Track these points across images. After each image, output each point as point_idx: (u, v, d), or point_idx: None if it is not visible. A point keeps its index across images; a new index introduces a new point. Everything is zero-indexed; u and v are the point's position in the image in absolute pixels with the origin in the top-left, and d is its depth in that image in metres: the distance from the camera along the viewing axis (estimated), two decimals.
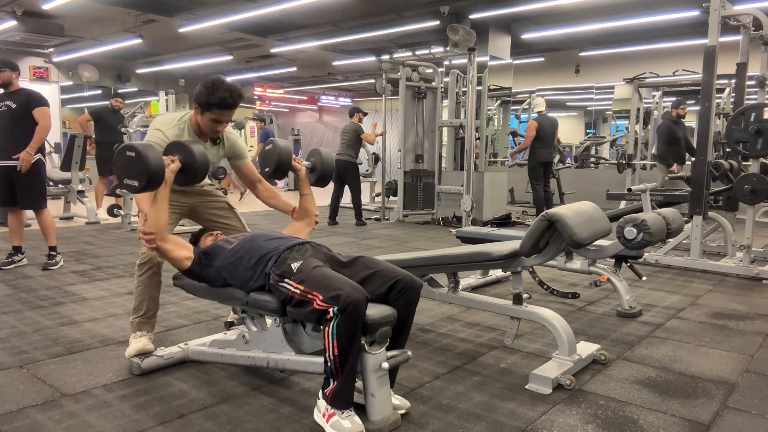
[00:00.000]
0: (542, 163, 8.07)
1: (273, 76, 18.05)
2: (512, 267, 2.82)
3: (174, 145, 2.42)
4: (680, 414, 2.24)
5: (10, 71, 4.58)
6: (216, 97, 2.53)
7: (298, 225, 2.82)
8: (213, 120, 2.61)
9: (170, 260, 2.43)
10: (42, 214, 4.71)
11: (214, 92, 2.53)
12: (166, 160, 2.30)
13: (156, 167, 2.20)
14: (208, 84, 2.56)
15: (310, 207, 2.84)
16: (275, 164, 2.72)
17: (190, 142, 2.43)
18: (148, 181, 2.19)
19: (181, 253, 2.42)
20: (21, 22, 10.60)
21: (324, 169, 2.90)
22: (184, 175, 2.38)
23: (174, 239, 2.46)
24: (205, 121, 2.63)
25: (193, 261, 2.43)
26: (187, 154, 2.35)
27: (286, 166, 2.75)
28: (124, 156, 2.22)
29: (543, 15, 10.23)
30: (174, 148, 2.39)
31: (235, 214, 3.01)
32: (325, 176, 2.91)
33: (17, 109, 4.54)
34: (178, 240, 2.49)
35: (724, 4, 4.54)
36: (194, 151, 2.36)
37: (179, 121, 2.71)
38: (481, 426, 2.12)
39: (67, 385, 2.42)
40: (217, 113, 2.59)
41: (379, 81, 8.30)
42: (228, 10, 10.05)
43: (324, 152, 2.93)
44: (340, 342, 1.93)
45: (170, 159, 2.33)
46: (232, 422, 2.12)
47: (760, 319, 3.56)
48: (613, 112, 13.31)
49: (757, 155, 4.55)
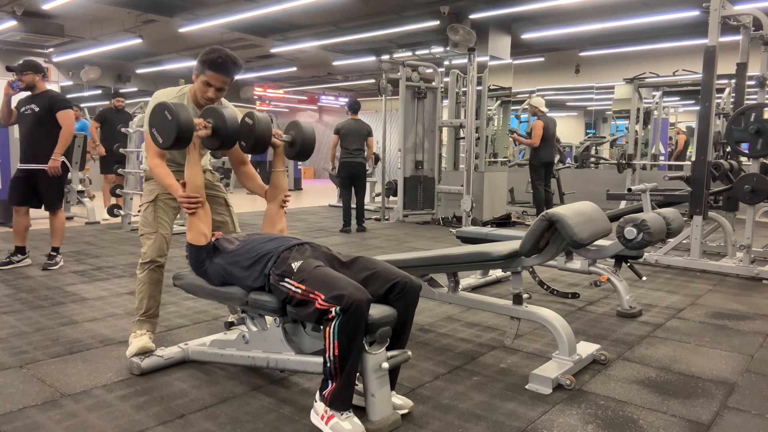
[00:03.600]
0: (544, 163, 8.08)
1: (273, 76, 18.05)
2: (512, 267, 2.82)
3: (209, 110, 2.50)
4: (680, 414, 2.24)
5: (33, 74, 4.58)
6: (210, 57, 2.59)
7: (272, 208, 2.73)
8: (205, 83, 2.64)
9: (194, 227, 2.45)
10: (57, 214, 4.78)
11: (210, 53, 2.60)
12: (198, 125, 2.40)
13: (185, 131, 2.31)
14: (208, 49, 2.64)
15: (282, 183, 2.75)
16: (254, 140, 2.53)
17: (224, 109, 2.50)
18: (174, 142, 2.32)
19: (204, 228, 2.47)
20: (21, 22, 10.60)
21: (305, 142, 2.72)
22: (213, 140, 2.49)
23: (208, 210, 2.53)
24: (198, 85, 2.67)
25: (206, 245, 2.46)
26: (220, 119, 2.44)
27: (266, 141, 2.58)
28: (161, 113, 2.34)
29: (543, 15, 10.23)
30: (208, 113, 2.48)
31: (230, 212, 3.01)
32: (305, 151, 2.73)
33: (40, 113, 4.56)
34: (210, 215, 2.54)
35: (724, 4, 4.54)
36: (227, 118, 2.44)
37: (179, 92, 2.75)
38: (481, 426, 2.12)
39: (67, 385, 2.42)
40: (209, 75, 2.62)
41: (380, 80, 8.28)
42: (228, 10, 10.05)
43: (304, 124, 2.77)
44: (341, 342, 1.93)
45: (203, 124, 2.42)
46: (232, 422, 2.12)
47: (760, 319, 3.56)
48: (613, 112, 13.31)
49: (757, 155, 4.55)
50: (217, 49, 2.63)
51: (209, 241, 2.48)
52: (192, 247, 2.47)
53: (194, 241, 2.46)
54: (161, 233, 2.76)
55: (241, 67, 2.71)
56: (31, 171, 4.59)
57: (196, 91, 2.70)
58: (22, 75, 4.54)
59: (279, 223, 2.72)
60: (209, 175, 3.00)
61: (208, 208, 2.54)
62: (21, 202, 4.68)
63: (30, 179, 4.61)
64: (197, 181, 2.46)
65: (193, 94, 2.73)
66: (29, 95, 4.63)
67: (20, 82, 4.56)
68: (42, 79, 4.66)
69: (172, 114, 2.30)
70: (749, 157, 4.67)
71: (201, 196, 2.46)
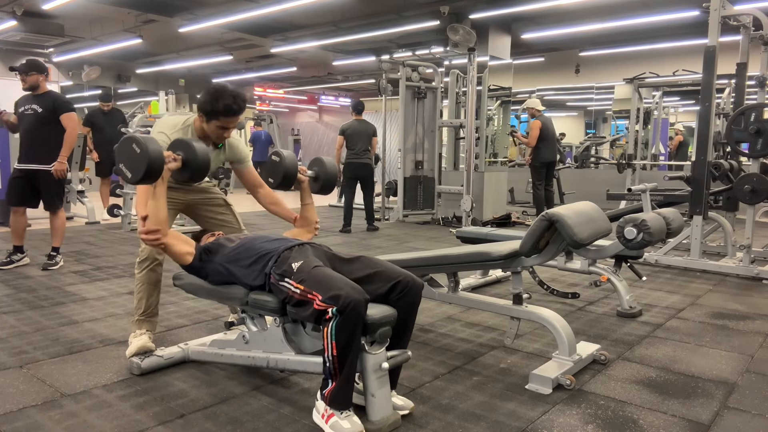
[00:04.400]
0: (545, 163, 8.08)
1: (273, 76, 18.06)
2: (512, 267, 2.82)
3: (178, 142, 2.43)
4: (680, 414, 2.24)
5: (37, 74, 4.58)
6: (221, 105, 2.53)
7: (298, 231, 2.81)
8: (219, 127, 2.61)
9: (172, 255, 2.44)
10: (57, 214, 4.78)
11: (219, 99, 2.53)
12: (168, 157, 2.32)
13: (154, 166, 2.21)
14: (212, 92, 2.56)
15: (312, 216, 2.85)
16: (282, 176, 2.73)
17: (194, 141, 2.44)
18: (143, 176, 2.21)
19: (183, 248, 2.44)
20: (21, 22, 10.60)
21: (327, 177, 2.89)
22: (185, 173, 2.40)
23: (175, 234, 2.47)
24: (211, 129, 2.63)
25: (194, 256, 2.44)
26: (190, 152, 2.37)
27: (292, 177, 2.75)
28: (129, 146, 2.24)
29: (543, 15, 10.23)
30: (177, 145, 2.41)
31: (232, 211, 3.02)
32: (328, 185, 2.90)
33: (43, 114, 4.56)
34: (180, 235, 2.50)
35: (724, 4, 4.54)
36: (196, 149, 2.37)
37: (183, 125, 2.70)
38: (481, 426, 2.12)
39: (67, 385, 2.42)
40: (224, 120, 2.59)
41: (380, 80, 8.28)
42: (228, 10, 10.05)
43: (327, 160, 2.91)
44: (338, 342, 1.93)
45: (172, 156, 2.35)
46: (232, 422, 2.12)
47: (760, 319, 3.56)
48: (613, 112, 13.31)
49: (757, 155, 4.55)
50: (222, 92, 2.55)
51: (197, 251, 2.45)
52: (184, 267, 2.47)
53: (184, 263, 2.45)
54: None
55: (247, 101, 2.72)
56: (32, 171, 4.59)
57: (210, 133, 2.66)
58: (26, 76, 4.54)
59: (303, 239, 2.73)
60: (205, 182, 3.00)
61: (174, 231, 2.47)
62: (20, 203, 4.68)
63: (30, 179, 4.61)
64: (161, 215, 2.33)
65: (200, 129, 2.68)
66: (30, 95, 4.63)
67: (23, 83, 4.57)
68: (45, 79, 4.66)
69: (140, 147, 2.19)
70: (749, 157, 4.67)
71: (163, 231, 2.34)
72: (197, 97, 19.91)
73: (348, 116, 7.87)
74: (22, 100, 4.66)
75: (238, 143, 2.92)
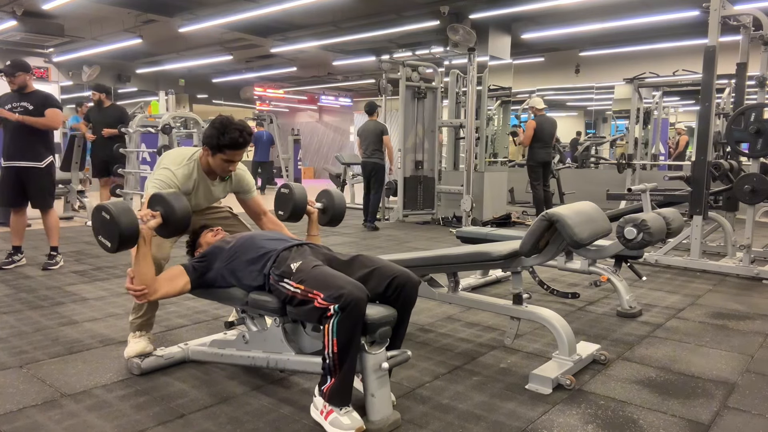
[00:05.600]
0: (541, 163, 8.08)
1: (273, 76, 18.07)
2: (512, 267, 2.82)
3: (156, 199, 2.36)
4: (680, 414, 2.24)
5: (24, 74, 4.56)
6: (227, 138, 2.51)
7: None
8: (225, 160, 2.59)
9: (173, 294, 2.39)
10: (49, 213, 4.75)
11: (224, 133, 2.50)
12: (145, 216, 2.25)
13: (128, 229, 2.13)
14: (217, 125, 2.54)
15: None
16: (291, 209, 2.76)
17: (172, 196, 2.35)
18: (120, 243, 2.14)
19: (177, 286, 2.37)
20: (21, 22, 10.61)
21: (335, 210, 2.90)
22: (165, 229, 2.33)
23: (164, 279, 2.37)
24: (217, 162, 2.60)
25: (190, 281, 2.39)
26: (169, 208, 2.30)
27: (301, 210, 2.78)
28: (99, 216, 2.18)
29: (543, 15, 10.23)
30: (155, 202, 2.34)
31: (239, 221, 3.00)
32: (336, 217, 2.92)
33: (34, 111, 4.54)
34: (168, 276, 2.40)
35: (724, 4, 4.54)
36: (175, 205, 2.30)
37: (189, 160, 2.66)
38: (481, 426, 2.12)
39: (67, 385, 2.42)
40: (229, 153, 2.57)
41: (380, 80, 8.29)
42: (228, 10, 10.06)
43: (335, 193, 2.92)
44: (339, 339, 1.94)
45: (151, 214, 2.27)
46: (232, 422, 2.12)
47: (760, 319, 3.56)
48: (613, 112, 13.31)
49: (757, 155, 4.55)
50: (227, 125, 2.52)
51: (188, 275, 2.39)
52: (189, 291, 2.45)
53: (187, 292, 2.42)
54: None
55: (252, 134, 2.70)
56: (21, 169, 4.54)
57: (215, 167, 2.63)
58: (13, 77, 4.52)
59: None
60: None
61: (162, 277, 2.39)
62: (15, 203, 4.66)
63: (20, 177, 4.56)
64: (149, 277, 2.25)
65: (206, 164, 2.66)
66: (16, 93, 4.58)
67: (11, 85, 4.54)
68: (31, 77, 4.65)
69: (110, 214, 2.11)
70: (749, 157, 4.67)
71: (150, 290, 2.27)
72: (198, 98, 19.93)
73: (348, 116, 7.99)
74: (6, 98, 4.60)
75: (244, 174, 2.89)
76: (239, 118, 2.68)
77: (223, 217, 2.97)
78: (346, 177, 10.59)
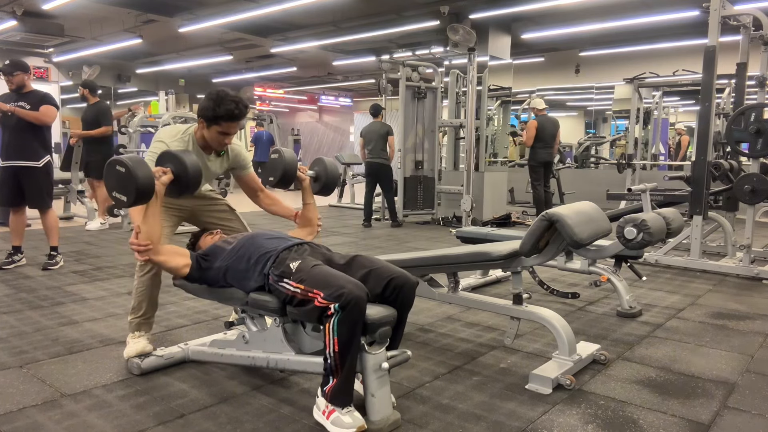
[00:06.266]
0: (542, 163, 8.08)
1: (273, 76, 18.06)
2: (512, 267, 2.82)
3: (166, 156, 2.36)
4: (680, 414, 2.24)
5: (22, 73, 4.57)
6: (223, 110, 2.51)
7: (300, 233, 2.79)
8: (220, 132, 2.59)
9: (168, 270, 2.42)
10: (47, 213, 4.75)
11: (220, 104, 2.50)
12: (157, 172, 2.26)
13: (144, 182, 2.14)
14: (213, 96, 2.53)
15: (313, 216, 2.85)
16: (281, 174, 2.73)
17: (182, 153, 2.37)
18: (137, 196, 2.15)
19: (179, 262, 2.39)
20: (21, 22, 10.61)
21: (328, 178, 2.89)
22: (177, 187, 2.34)
23: (169, 249, 2.41)
24: (212, 135, 2.60)
25: (191, 267, 2.40)
26: (179, 165, 2.30)
27: (292, 175, 2.77)
28: (114, 170, 2.18)
29: (543, 15, 10.23)
30: (166, 159, 2.35)
31: (237, 216, 3.00)
32: (329, 185, 2.90)
33: (32, 110, 4.53)
34: (173, 249, 2.44)
35: (724, 4, 4.54)
36: (186, 161, 2.31)
37: (183, 134, 2.66)
38: (481, 426, 2.12)
39: (67, 385, 2.42)
40: (225, 125, 2.56)
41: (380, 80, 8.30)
42: (228, 10, 10.05)
43: (328, 161, 2.92)
44: (340, 338, 1.94)
45: (162, 171, 2.29)
46: (232, 422, 2.12)
47: (760, 319, 3.56)
48: (613, 112, 13.31)
49: (757, 155, 4.55)
50: (224, 97, 2.52)
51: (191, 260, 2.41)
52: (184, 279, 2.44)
53: (182, 275, 2.42)
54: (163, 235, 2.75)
55: (248, 107, 2.70)
56: (19, 169, 4.54)
57: (210, 140, 2.62)
58: (12, 77, 4.52)
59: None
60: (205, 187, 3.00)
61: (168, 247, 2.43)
62: (16, 203, 4.66)
63: (18, 177, 4.56)
64: (156, 235, 2.28)
65: (200, 137, 2.65)
66: (14, 93, 4.59)
67: (9, 84, 4.54)
68: (29, 77, 4.64)
69: (125, 167, 2.12)
70: (749, 157, 4.67)
71: (154, 248, 2.29)
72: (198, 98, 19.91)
73: (348, 116, 8.07)
74: (4, 99, 4.59)
75: (240, 150, 2.90)
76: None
77: (221, 210, 2.97)
78: (346, 177, 10.59)
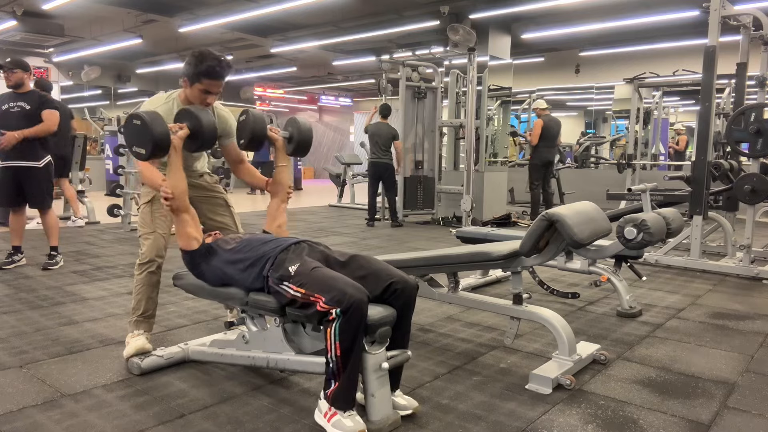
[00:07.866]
0: (544, 162, 8.08)
1: (273, 76, 18.05)
2: (512, 267, 2.82)
3: (182, 113, 2.46)
4: (680, 414, 2.24)
5: (22, 72, 4.56)
6: (204, 66, 2.54)
7: (274, 204, 2.77)
8: (202, 90, 2.60)
9: (181, 233, 2.44)
10: (47, 213, 4.75)
11: (202, 61, 2.55)
12: (173, 128, 2.36)
13: (160, 134, 2.26)
14: (196, 54, 2.58)
15: (284, 179, 2.80)
16: (249, 135, 2.60)
17: (197, 109, 2.46)
18: (153, 148, 2.26)
19: (193, 232, 2.45)
20: (21, 22, 10.60)
21: (301, 138, 2.77)
22: (193, 142, 2.44)
23: (194, 214, 2.51)
24: (194, 93, 2.62)
25: (199, 248, 2.44)
26: (195, 120, 2.41)
27: (261, 135, 2.64)
28: (131, 124, 2.28)
29: (543, 15, 10.23)
30: (182, 116, 2.45)
31: (231, 213, 3.01)
32: (303, 146, 2.79)
33: (30, 111, 4.53)
34: (195, 222, 2.51)
35: (724, 4, 4.54)
36: (202, 118, 2.41)
37: (167, 98, 2.72)
38: (481, 426, 2.12)
39: (67, 385, 2.42)
40: (207, 83, 2.58)
41: (380, 80, 8.31)
42: (228, 10, 10.05)
43: (301, 121, 2.82)
44: (342, 343, 1.94)
45: (178, 126, 2.38)
46: (232, 422, 2.12)
47: (760, 319, 3.56)
48: (613, 112, 13.31)
49: (757, 155, 4.55)
50: (206, 54, 2.57)
51: (201, 244, 2.46)
52: (185, 252, 2.47)
53: (186, 247, 2.45)
54: (159, 233, 2.76)
55: (232, 67, 2.70)
56: (19, 169, 4.54)
57: (192, 99, 2.64)
58: (11, 73, 4.52)
59: (279, 218, 2.75)
60: (207, 178, 3.00)
61: (194, 211, 2.51)
62: (16, 203, 4.67)
63: (17, 178, 4.56)
64: (180, 188, 2.40)
65: (184, 99, 2.68)
66: (13, 93, 4.58)
67: (7, 80, 4.53)
68: (29, 77, 4.64)
69: (141, 120, 2.23)
70: (749, 157, 4.67)
71: (183, 204, 2.42)
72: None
73: (348, 116, 8.10)
74: (3, 98, 4.59)
75: (228, 116, 2.90)
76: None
77: (218, 204, 2.97)
78: (346, 177, 10.59)
